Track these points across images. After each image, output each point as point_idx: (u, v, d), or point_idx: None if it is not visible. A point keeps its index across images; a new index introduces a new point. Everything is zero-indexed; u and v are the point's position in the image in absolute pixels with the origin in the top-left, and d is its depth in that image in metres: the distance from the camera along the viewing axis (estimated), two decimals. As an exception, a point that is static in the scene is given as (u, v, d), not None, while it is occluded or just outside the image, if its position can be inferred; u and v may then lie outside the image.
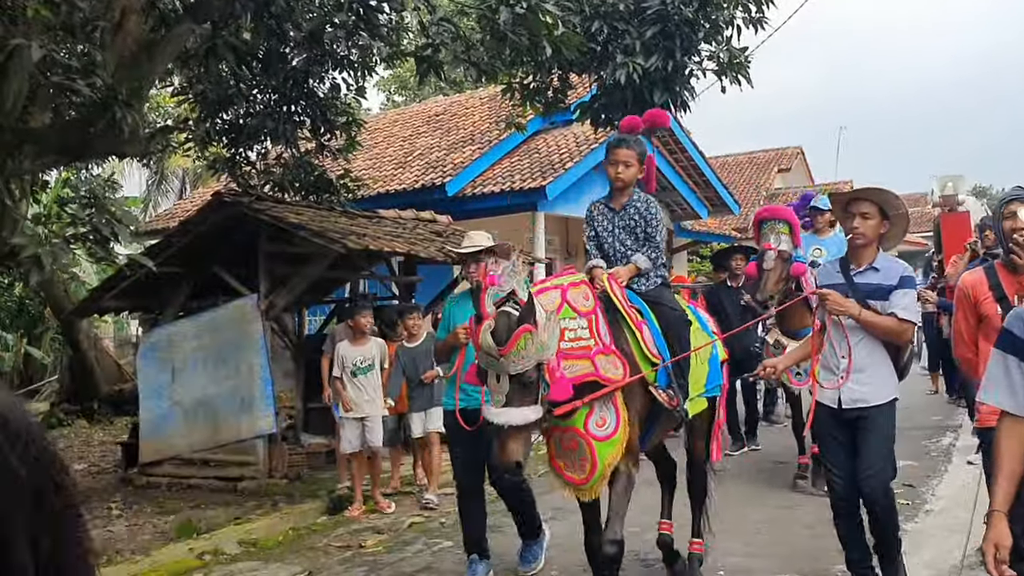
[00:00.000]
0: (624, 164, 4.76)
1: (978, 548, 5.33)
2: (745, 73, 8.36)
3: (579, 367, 4.10)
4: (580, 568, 5.49)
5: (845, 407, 4.38)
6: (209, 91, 9.13)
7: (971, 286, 3.88)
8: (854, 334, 4.32)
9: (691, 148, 16.85)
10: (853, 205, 4.37)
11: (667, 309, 4.72)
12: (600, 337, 4.22)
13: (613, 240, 4.89)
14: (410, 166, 14.75)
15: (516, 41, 7.22)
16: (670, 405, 4.44)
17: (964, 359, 4.05)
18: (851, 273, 4.41)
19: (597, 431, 4.18)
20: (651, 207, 4.83)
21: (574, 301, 4.24)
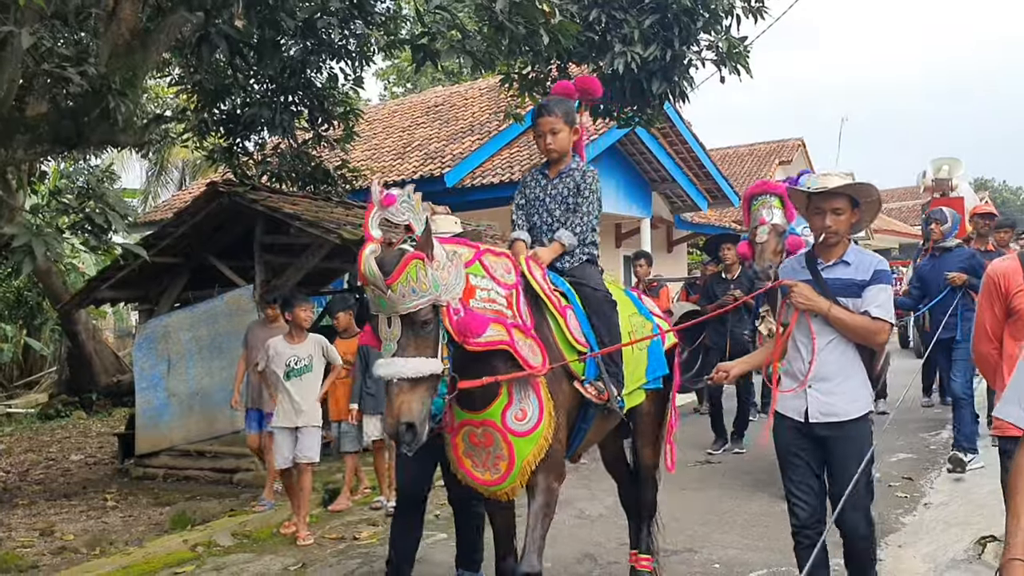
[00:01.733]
0: (551, 132, 4.32)
1: (976, 541, 5.33)
2: (744, 63, 8.29)
3: (492, 331, 3.52)
4: (574, 560, 5.48)
5: (812, 421, 3.79)
6: (206, 81, 9.08)
7: (1002, 275, 3.52)
8: (823, 335, 3.80)
9: (691, 140, 16.79)
10: (821, 200, 3.82)
11: (589, 290, 4.23)
12: (519, 314, 3.70)
13: (542, 210, 4.44)
14: (409, 157, 14.70)
15: (513, 30, 7.16)
16: (598, 399, 3.96)
17: (983, 355, 3.64)
18: (818, 267, 3.88)
19: (516, 425, 3.66)
20: (588, 178, 4.36)
21: (491, 267, 3.70)
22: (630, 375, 4.31)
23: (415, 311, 3.21)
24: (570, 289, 4.17)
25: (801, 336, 3.88)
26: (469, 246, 3.70)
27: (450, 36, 7.36)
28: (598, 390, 3.97)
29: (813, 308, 3.76)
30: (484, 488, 3.78)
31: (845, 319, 3.73)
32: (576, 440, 4.11)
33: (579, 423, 4.07)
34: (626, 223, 17.50)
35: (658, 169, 16.25)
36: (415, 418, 3.19)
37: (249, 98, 9.38)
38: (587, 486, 7.57)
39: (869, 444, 3.81)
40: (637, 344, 4.41)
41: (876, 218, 4.03)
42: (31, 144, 6.56)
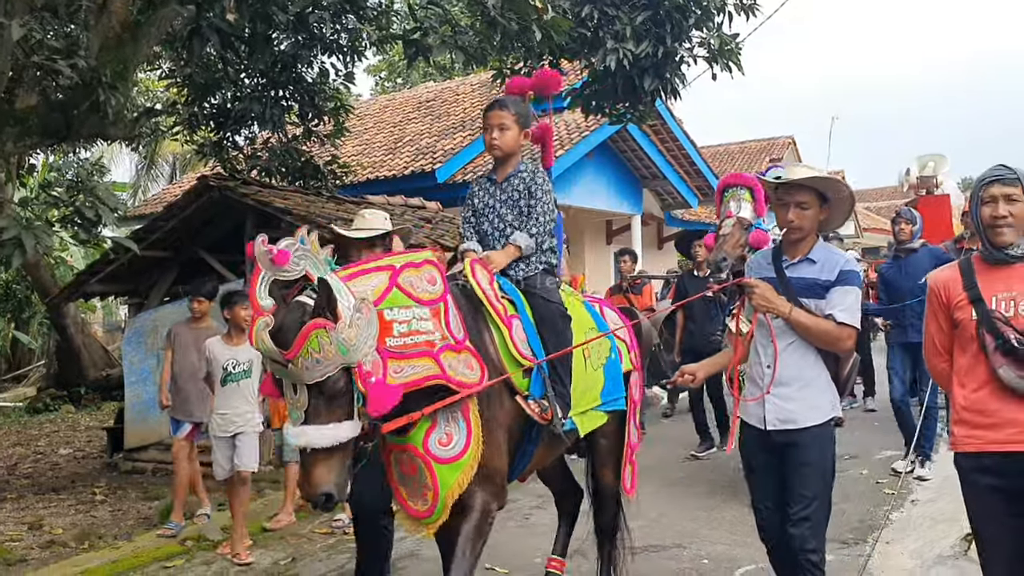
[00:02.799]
0: (499, 128, 4.06)
1: (963, 538, 5.36)
2: (736, 60, 8.29)
3: (417, 368, 3.21)
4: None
5: (771, 428, 3.59)
6: (196, 74, 9.04)
7: (943, 285, 3.31)
8: (783, 338, 3.56)
9: (682, 137, 16.82)
10: (786, 193, 3.60)
11: (541, 301, 3.91)
12: (449, 330, 3.36)
13: (493, 216, 4.14)
14: (400, 152, 14.67)
15: (506, 26, 7.15)
16: (541, 418, 3.67)
17: (937, 369, 3.47)
18: (783, 265, 3.66)
19: (439, 451, 3.35)
20: (538, 178, 4.08)
21: (411, 286, 3.33)
22: (581, 395, 4.02)
23: (323, 380, 2.95)
24: (520, 298, 3.89)
25: (761, 339, 3.67)
26: (383, 269, 3.32)
27: (442, 31, 7.35)
28: (541, 408, 3.69)
29: (773, 310, 3.52)
30: (417, 522, 3.47)
31: (807, 323, 3.50)
32: (522, 462, 3.83)
33: (525, 443, 3.78)
34: (617, 220, 17.53)
35: (649, 166, 16.28)
36: (333, 487, 2.99)
37: (240, 92, 9.34)
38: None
39: (830, 453, 3.61)
40: (593, 363, 4.16)
41: (848, 217, 3.78)
42: (20, 137, 6.53)
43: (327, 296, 2.93)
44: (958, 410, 3.24)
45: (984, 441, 3.13)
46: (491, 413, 3.52)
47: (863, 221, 30.18)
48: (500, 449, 3.55)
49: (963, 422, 3.22)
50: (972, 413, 3.18)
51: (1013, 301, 3.11)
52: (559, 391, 3.81)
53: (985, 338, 3.11)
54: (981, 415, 3.15)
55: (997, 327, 3.09)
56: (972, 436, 3.17)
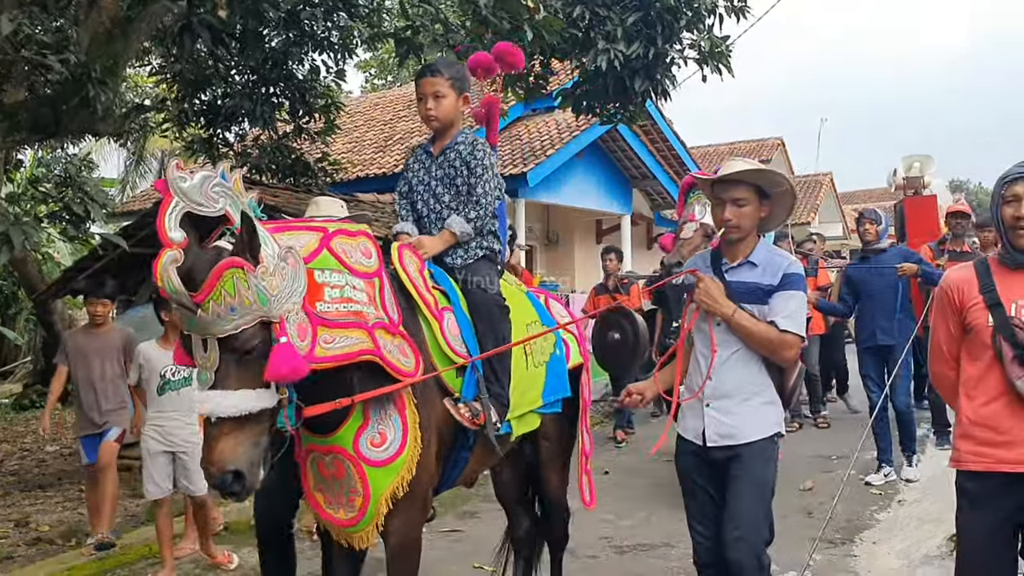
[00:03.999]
0: (434, 96, 3.61)
1: (949, 538, 5.40)
2: (726, 62, 8.33)
3: (351, 340, 2.80)
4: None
5: (710, 444, 3.30)
6: (187, 71, 9.03)
7: (957, 286, 3.04)
8: (724, 346, 3.29)
9: (672, 137, 16.86)
10: (722, 190, 3.32)
11: (478, 292, 3.53)
12: (384, 309, 2.99)
13: (428, 195, 3.70)
14: (390, 150, 14.66)
15: (497, 25, 7.16)
16: (471, 424, 3.27)
17: (940, 376, 3.21)
18: (723, 269, 3.38)
19: (372, 452, 2.98)
20: (478, 151, 3.62)
21: (345, 253, 2.94)
22: (520, 396, 3.63)
23: (236, 333, 2.52)
24: (454, 288, 3.51)
25: (701, 346, 3.39)
26: (314, 230, 2.95)
27: (434, 30, 7.36)
28: (473, 412, 3.28)
29: (716, 310, 3.26)
30: (340, 530, 3.12)
31: (749, 328, 3.22)
32: (454, 470, 3.45)
33: (458, 450, 3.40)
34: (606, 219, 17.55)
35: (639, 166, 16.32)
36: (242, 464, 2.54)
37: (230, 89, 9.33)
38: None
39: (771, 471, 3.32)
40: (534, 360, 3.79)
41: (790, 213, 3.48)
42: (9, 132, 6.50)
43: (248, 235, 2.51)
44: (964, 424, 2.97)
45: (994, 460, 2.86)
46: (424, 413, 3.15)
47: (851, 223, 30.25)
48: (432, 458, 3.19)
49: (970, 437, 2.94)
50: (981, 428, 2.90)
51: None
52: (495, 392, 3.43)
53: (1002, 346, 2.86)
54: (993, 431, 2.87)
55: (1016, 335, 2.84)
56: (980, 454, 2.90)
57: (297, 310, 2.66)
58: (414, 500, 3.11)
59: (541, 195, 14.19)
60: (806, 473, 7.44)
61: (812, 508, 6.41)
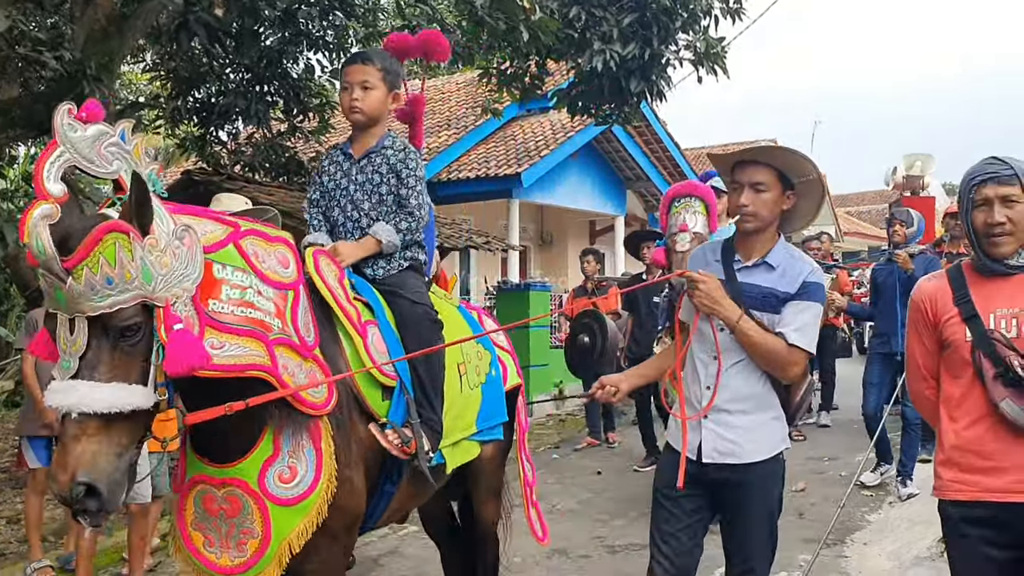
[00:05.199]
0: (362, 87, 3.22)
1: (939, 539, 5.42)
2: (722, 64, 8.35)
3: (244, 350, 2.40)
4: (545, 555, 5.51)
5: (707, 461, 2.90)
6: (181, 68, 9.02)
7: (929, 297, 2.73)
8: (729, 354, 2.90)
9: (666, 139, 16.90)
10: (740, 172, 2.91)
11: (406, 303, 3.16)
12: (295, 326, 2.60)
13: (345, 202, 3.31)
14: (384, 150, 14.64)
15: (493, 25, 7.17)
16: (401, 452, 2.90)
17: (919, 395, 2.88)
18: (735, 267, 2.95)
19: (279, 489, 2.56)
20: (410, 160, 3.28)
21: (256, 256, 2.53)
22: (454, 421, 3.26)
23: (111, 312, 2.11)
24: (378, 300, 3.12)
25: (702, 353, 2.98)
26: (224, 222, 2.53)
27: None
28: (403, 439, 2.90)
29: (718, 313, 2.85)
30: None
31: (755, 338, 2.82)
32: (379, 507, 3.05)
33: (383, 483, 3.02)
34: (600, 220, 17.59)
35: (633, 167, 16.35)
36: (100, 476, 2.09)
37: (224, 87, 9.31)
38: (559, 480, 7.63)
39: (776, 495, 2.99)
40: (469, 381, 3.43)
41: (819, 211, 3.05)
42: (3, 128, 6.51)
43: (140, 200, 2.14)
44: (946, 449, 2.67)
45: (979, 488, 2.57)
46: (344, 443, 2.75)
47: (844, 225, 30.37)
48: (351, 493, 2.77)
49: (952, 464, 2.64)
50: (964, 454, 2.61)
51: (1016, 319, 2.56)
52: (427, 417, 3.06)
53: (982, 363, 2.55)
54: (976, 456, 2.58)
55: (997, 350, 2.53)
56: (962, 482, 2.60)
57: (186, 299, 2.26)
58: (333, 543, 2.72)
59: (535, 195, 14.21)
60: (798, 474, 7.46)
61: (804, 509, 6.43)
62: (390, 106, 3.35)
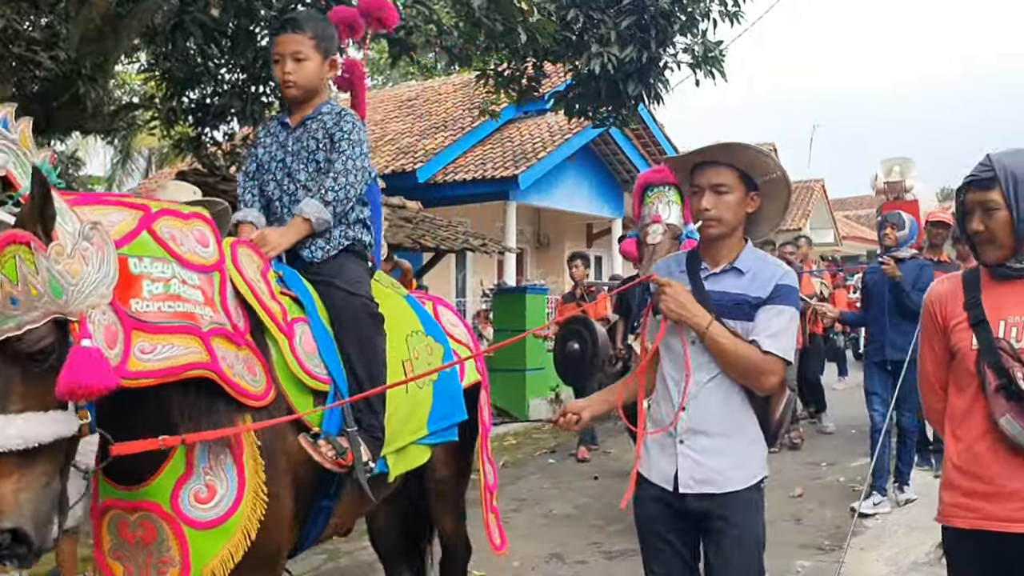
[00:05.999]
0: (294, 58, 2.97)
1: (937, 545, 5.39)
2: (720, 67, 8.34)
3: (178, 349, 2.18)
4: (542, 559, 5.48)
5: (684, 491, 2.66)
6: (176, 69, 8.97)
7: (940, 300, 2.53)
8: (701, 369, 2.67)
9: (664, 141, 16.90)
10: (700, 174, 2.71)
11: (342, 295, 2.84)
12: (225, 311, 2.38)
13: (281, 175, 3.05)
14: (381, 151, 14.62)
15: (490, 27, 7.14)
16: (335, 466, 2.60)
17: (930, 410, 2.68)
18: (701, 275, 2.75)
19: (195, 511, 2.29)
20: (345, 123, 3.01)
21: (173, 239, 2.29)
22: (400, 425, 2.98)
23: (19, 335, 1.86)
24: (309, 293, 2.82)
25: (672, 370, 2.74)
26: (131, 207, 2.27)
27: (426, 31, 7.33)
28: (337, 451, 2.61)
29: (687, 319, 2.62)
30: None
31: (726, 346, 2.60)
32: (315, 525, 2.78)
33: (319, 498, 2.73)
34: (597, 223, 17.57)
35: (630, 170, 16.34)
36: (26, 519, 1.88)
37: (220, 88, 9.26)
38: (556, 485, 7.60)
39: (759, 524, 2.73)
40: (419, 379, 3.07)
41: (786, 211, 2.83)
42: (-4, 128, 6.45)
43: (41, 202, 1.86)
44: (949, 470, 2.46)
45: (979, 516, 2.34)
46: (272, 454, 2.46)
47: (843, 229, 30.41)
48: (280, 513, 2.49)
49: (953, 487, 2.43)
50: (964, 476, 2.39)
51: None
52: (366, 423, 2.77)
53: (986, 374, 2.33)
54: (977, 480, 2.36)
55: (1002, 360, 2.31)
56: (965, 507, 2.38)
57: (104, 306, 2.03)
58: (260, 568, 2.45)
59: (532, 198, 14.20)
60: (796, 479, 7.44)
61: (801, 515, 6.41)
62: (327, 75, 3.11)
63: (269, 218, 3.09)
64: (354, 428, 2.71)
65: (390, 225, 9.38)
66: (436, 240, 10.20)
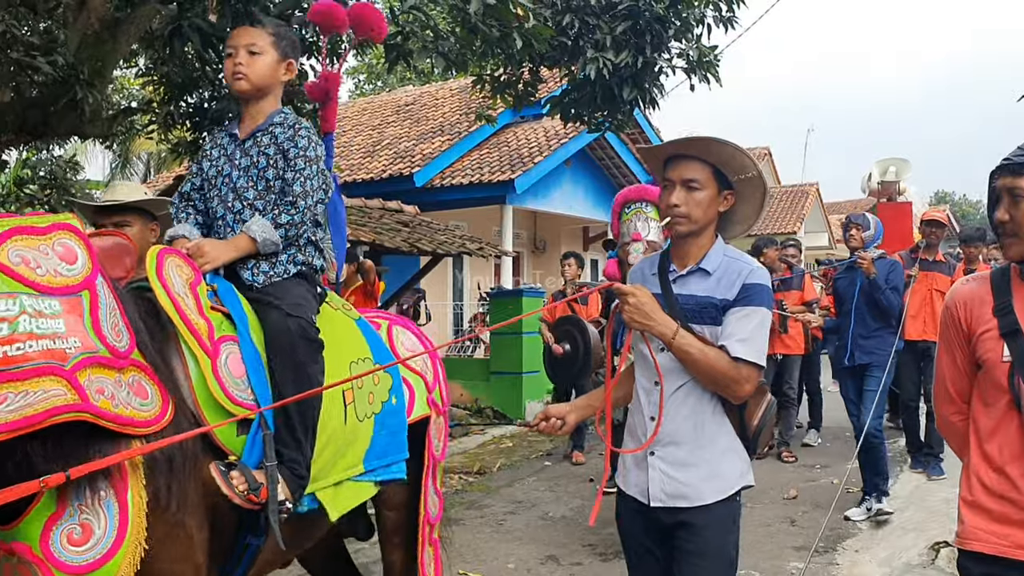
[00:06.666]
0: (248, 50, 2.77)
1: (930, 547, 5.44)
2: (714, 72, 8.39)
3: (36, 396, 1.93)
4: (538, 561, 5.50)
5: (655, 504, 2.56)
6: (174, 73, 9.00)
7: (965, 304, 2.28)
8: (671, 377, 2.53)
9: (660, 146, 16.95)
10: (672, 168, 2.56)
11: (278, 316, 2.61)
12: (98, 334, 2.10)
13: (226, 190, 2.82)
14: (378, 155, 14.67)
15: (487, 32, 7.18)
16: (245, 501, 2.38)
17: (946, 424, 2.44)
18: (669, 276, 2.61)
19: (68, 554, 2.03)
20: (300, 137, 2.79)
21: (25, 263, 2.03)
22: (332, 459, 2.74)
23: None
24: (243, 311, 2.60)
25: (643, 379, 2.64)
26: None
27: (423, 36, 7.37)
28: (250, 485, 2.38)
29: (652, 329, 2.46)
30: None
31: (694, 354, 2.44)
32: (241, 563, 2.54)
33: (244, 535, 2.50)
34: (594, 227, 17.62)
35: (627, 174, 16.40)
36: None
37: (218, 92, 9.29)
38: (551, 488, 7.62)
39: (733, 541, 2.58)
40: (356, 410, 2.85)
41: (761, 212, 2.64)
42: (-4, 132, 6.49)
43: None
44: (976, 490, 2.24)
45: (1009, 543, 2.14)
46: (173, 488, 2.22)
47: (837, 232, 30.44)
48: (189, 551, 2.28)
49: (980, 509, 2.21)
50: (996, 500, 2.17)
51: None
52: (288, 458, 2.53)
53: (1020, 389, 2.12)
54: (1012, 505, 2.15)
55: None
56: (994, 533, 2.17)
57: None
58: None
59: (528, 202, 14.24)
60: (790, 481, 7.48)
61: (795, 517, 6.44)
62: (282, 77, 2.89)
63: (216, 236, 2.86)
64: (274, 463, 2.48)
65: (388, 229, 9.41)
66: (433, 244, 10.23)
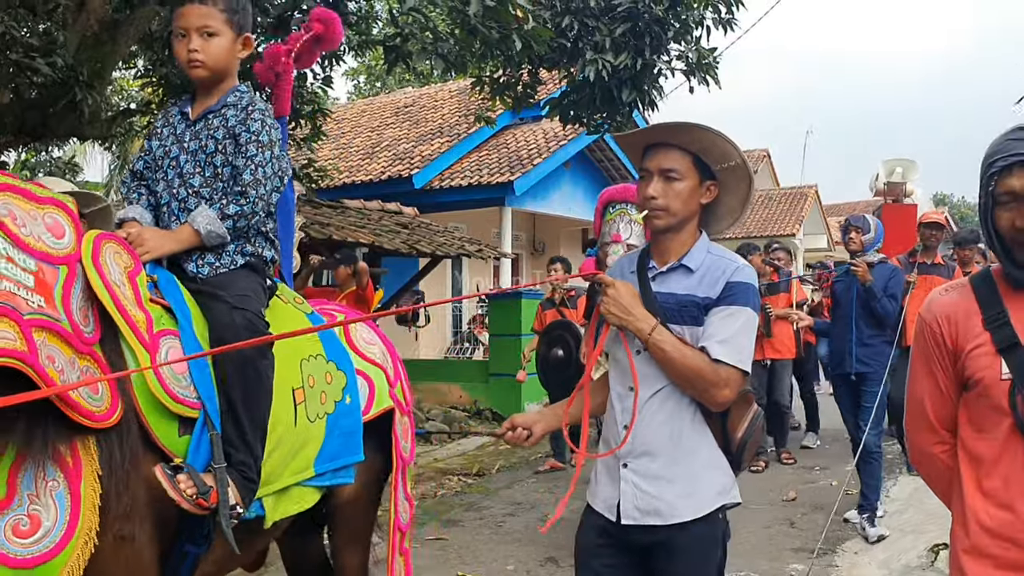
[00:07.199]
0: (201, 32, 2.58)
1: (929, 549, 5.43)
2: (713, 74, 8.40)
3: None
4: (537, 563, 5.50)
5: (626, 522, 2.32)
6: (172, 75, 9.00)
7: (947, 317, 1.99)
8: (647, 382, 2.32)
9: (659, 147, 16.97)
10: (650, 157, 2.36)
11: (223, 309, 2.43)
12: (67, 310, 2.02)
13: (173, 175, 2.64)
14: (377, 157, 14.67)
15: (486, 34, 7.18)
16: (194, 505, 2.23)
17: (923, 457, 2.12)
18: (648, 273, 2.41)
19: (13, 546, 1.89)
20: (253, 120, 2.60)
21: (13, 217, 1.98)
22: (282, 463, 2.58)
23: None
24: (185, 304, 2.42)
25: (618, 384, 2.42)
26: None
27: (422, 38, 7.38)
28: (199, 488, 2.23)
29: (630, 324, 2.28)
30: None
31: (670, 352, 2.25)
32: (180, 573, 2.38)
33: (182, 542, 2.35)
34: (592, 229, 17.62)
35: (625, 176, 16.38)
36: None
37: (217, 94, 9.32)
38: (551, 490, 7.63)
39: (715, 562, 2.36)
40: (307, 410, 2.67)
41: (747, 205, 2.44)
42: (-4, 134, 6.49)
43: None
44: (973, 532, 1.92)
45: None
46: (121, 487, 2.09)
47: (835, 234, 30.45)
48: (134, 554, 2.16)
49: (981, 555, 1.90)
50: (1001, 544, 1.86)
51: None
52: (238, 460, 2.37)
53: None
54: (1019, 548, 1.84)
55: None
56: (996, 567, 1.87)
57: None
58: None
59: (528, 204, 14.25)
60: (789, 483, 7.48)
61: (795, 519, 6.44)
62: (240, 54, 2.69)
63: (158, 224, 2.68)
64: (223, 465, 2.32)
65: (387, 230, 9.41)
66: (432, 246, 10.24)
